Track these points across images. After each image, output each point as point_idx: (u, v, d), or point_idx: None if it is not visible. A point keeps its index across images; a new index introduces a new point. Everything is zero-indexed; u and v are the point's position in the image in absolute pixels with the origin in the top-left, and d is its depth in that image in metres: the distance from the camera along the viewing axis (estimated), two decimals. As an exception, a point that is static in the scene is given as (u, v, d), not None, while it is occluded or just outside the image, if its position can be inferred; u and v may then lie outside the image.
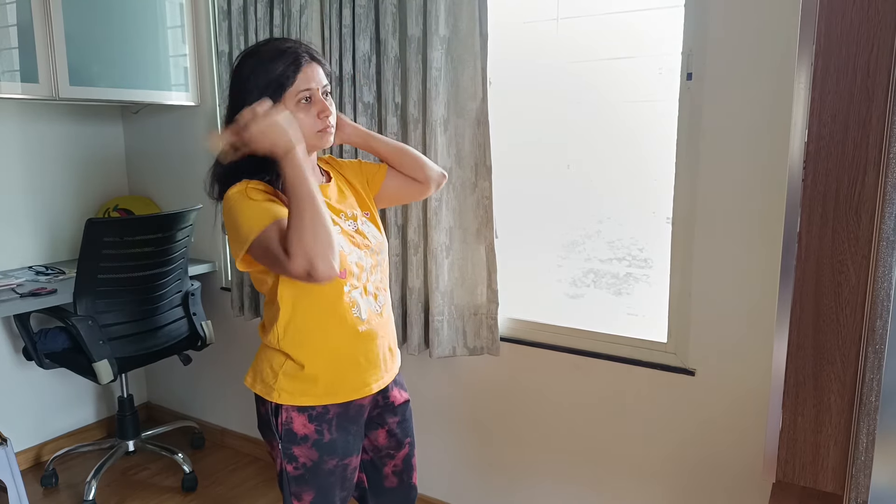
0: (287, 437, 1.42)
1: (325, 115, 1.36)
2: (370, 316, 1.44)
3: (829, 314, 0.90)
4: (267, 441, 1.48)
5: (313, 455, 1.43)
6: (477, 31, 1.96)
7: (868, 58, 0.84)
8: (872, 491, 0.85)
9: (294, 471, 1.44)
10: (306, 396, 1.41)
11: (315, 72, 1.35)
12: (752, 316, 1.75)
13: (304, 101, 1.34)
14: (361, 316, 1.42)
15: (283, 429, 1.42)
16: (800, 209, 0.90)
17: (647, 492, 2.00)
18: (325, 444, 1.43)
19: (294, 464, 1.43)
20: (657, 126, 1.88)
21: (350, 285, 1.40)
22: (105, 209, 2.92)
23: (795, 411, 0.95)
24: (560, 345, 2.07)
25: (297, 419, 1.41)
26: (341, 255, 1.35)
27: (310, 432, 1.42)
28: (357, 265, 1.41)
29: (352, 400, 1.45)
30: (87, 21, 2.38)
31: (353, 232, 1.46)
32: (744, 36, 1.67)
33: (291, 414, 1.41)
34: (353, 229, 1.46)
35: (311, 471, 1.44)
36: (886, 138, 0.82)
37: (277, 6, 2.31)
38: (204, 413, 3.11)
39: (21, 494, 1.93)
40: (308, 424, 1.42)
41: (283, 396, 1.41)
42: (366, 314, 1.43)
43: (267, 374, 1.43)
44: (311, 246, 1.18)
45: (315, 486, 1.45)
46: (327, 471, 1.45)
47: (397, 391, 1.58)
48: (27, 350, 2.45)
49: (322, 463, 1.44)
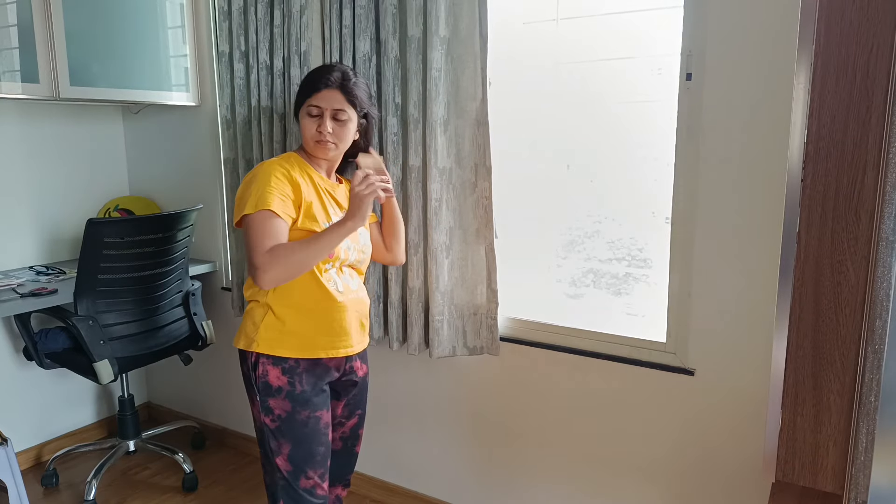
0: (264, 390, 1.66)
1: (321, 131, 1.66)
2: (346, 290, 1.71)
3: (828, 314, 0.91)
4: (249, 399, 1.70)
5: (286, 406, 1.66)
6: (477, 32, 1.96)
7: (867, 58, 0.84)
8: (872, 491, 0.85)
9: (272, 423, 1.66)
10: (282, 347, 1.65)
11: (333, 96, 1.66)
12: (752, 316, 1.75)
13: (313, 113, 1.67)
14: (338, 287, 1.69)
15: (260, 381, 1.66)
16: (799, 209, 0.90)
17: (647, 491, 2.00)
18: (297, 396, 1.66)
19: (271, 416, 1.66)
20: (657, 126, 1.88)
21: (332, 265, 1.68)
22: (105, 209, 2.93)
23: (795, 411, 0.95)
24: (560, 345, 2.07)
25: (271, 372, 1.65)
26: None
27: (283, 384, 1.66)
28: (345, 252, 1.69)
29: (320, 358, 1.69)
30: (88, 21, 2.38)
31: None
32: (743, 36, 1.67)
33: (267, 367, 1.65)
34: None
35: (286, 422, 1.66)
36: (886, 138, 0.82)
37: (278, 6, 2.31)
38: (204, 413, 3.11)
39: (21, 494, 1.93)
40: (281, 377, 1.66)
41: (262, 346, 1.64)
42: (343, 288, 1.70)
43: (250, 328, 1.68)
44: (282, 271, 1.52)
45: (291, 437, 1.67)
46: (300, 421, 1.67)
47: (359, 363, 1.84)
48: (28, 350, 2.45)
49: (295, 413, 1.66)
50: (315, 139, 1.67)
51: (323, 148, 1.67)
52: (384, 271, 2.28)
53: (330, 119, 1.66)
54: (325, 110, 1.66)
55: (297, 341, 1.66)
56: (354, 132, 1.73)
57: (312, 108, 1.66)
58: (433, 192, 2.06)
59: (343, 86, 1.67)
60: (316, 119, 1.66)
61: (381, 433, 2.53)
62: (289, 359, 1.65)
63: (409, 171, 2.12)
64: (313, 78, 1.68)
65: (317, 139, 1.67)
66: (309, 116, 1.67)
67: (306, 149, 1.71)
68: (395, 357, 2.42)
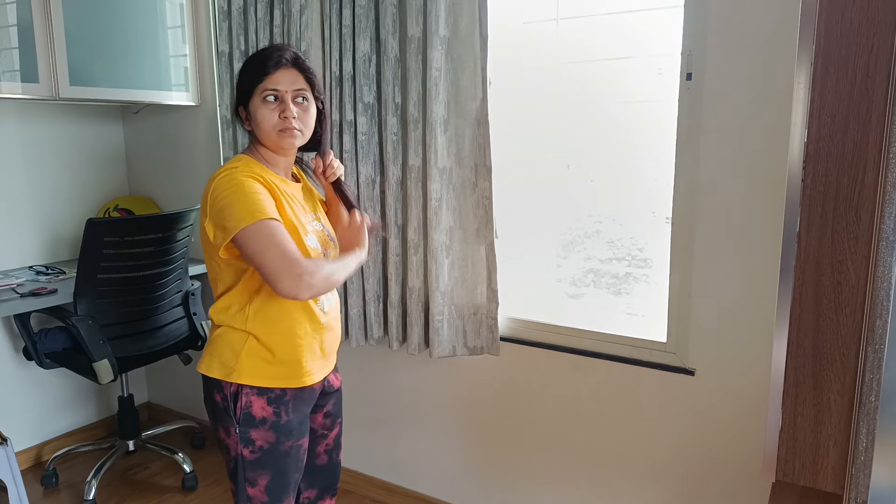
0: (245, 421, 1.47)
1: (285, 117, 1.43)
2: (330, 309, 1.56)
3: (828, 314, 0.91)
4: (220, 428, 1.51)
5: (271, 437, 1.49)
6: (477, 32, 1.96)
7: (867, 58, 0.84)
8: (872, 491, 0.85)
9: (251, 454, 1.48)
10: (268, 378, 1.47)
11: (290, 75, 1.44)
12: (752, 316, 1.75)
13: (271, 98, 1.43)
14: (324, 308, 1.54)
15: (242, 413, 1.46)
16: (799, 209, 0.90)
17: (647, 491, 2.00)
18: (282, 426, 1.49)
19: (251, 447, 1.48)
20: (657, 126, 1.88)
21: None
22: (105, 209, 2.93)
23: (795, 411, 0.95)
24: (560, 344, 2.07)
25: (256, 402, 1.46)
26: (315, 252, 1.48)
27: (268, 415, 1.48)
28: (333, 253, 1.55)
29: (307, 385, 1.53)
30: (88, 21, 2.38)
31: (320, 230, 1.56)
32: (744, 36, 1.67)
33: (251, 398, 1.46)
34: (319, 228, 1.56)
35: (267, 453, 1.49)
36: (886, 138, 0.82)
37: (277, 6, 2.31)
38: (204, 413, 3.10)
39: (21, 494, 1.93)
40: (266, 407, 1.47)
41: (244, 377, 1.45)
42: (328, 307, 1.55)
43: (227, 356, 1.47)
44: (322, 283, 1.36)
45: (272, 468, 1.50)
46: (283, 452, 1.51)
47: (333, 375, 1.69)
48: (27, 350, 2.45)
49: (279, 444, 1.50)
50: (279, 128, 1.42)
51: (289, 136, 1.44)
52: (384, 271, 2.28)
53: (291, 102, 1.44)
54: (284, 93, 1.42)
55: (286, 370, 1.48)
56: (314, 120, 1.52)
57: (269, 93, 1.42)
58: (433, 191, 2.06)
59: (299, 64, 1.46)
60: (276, 105, 1.43)
61: (381, 433, 2.53)
62: (275, 388, 1.48)
63: (409, 170, 2.12)
64: (261, 59, 1.44)
65: (281, 127, 1.42)
66: (265, 103, 1.42)
67: (266, 143, 1.46)
68: (395, 357, 2.41)
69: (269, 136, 1.44)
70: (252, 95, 1.44)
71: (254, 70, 1.44)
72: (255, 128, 1.46)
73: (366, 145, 2.19)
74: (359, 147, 2.19)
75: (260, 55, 1.46)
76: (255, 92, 1.43)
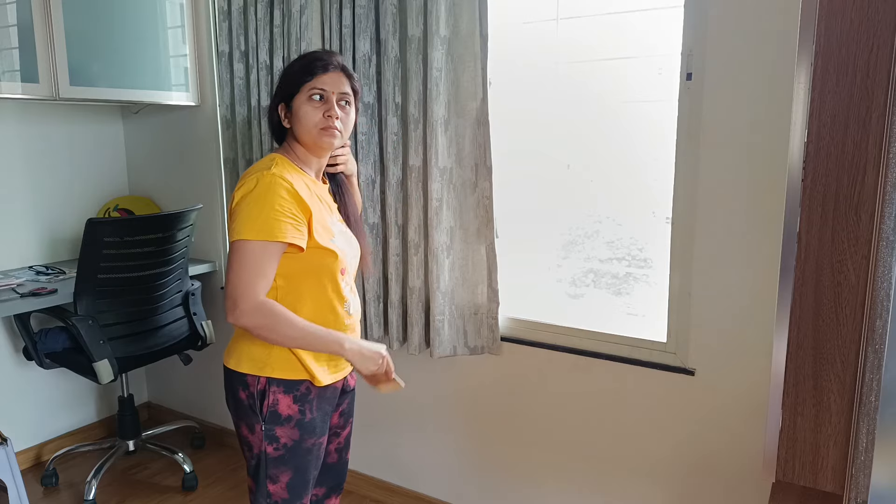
0: (271, 419, 1.49)
1: (329, 116, 1.47)
2: (354, 312, 1.59)
3: (828, 314, 0.91)
4: (244, 425, 1.52)
5: (295, 435, 1.51)
6: (477, 32, 1.96)
7: (868, 58, 0.84)
8: (872, 491, 0.85)
9: (274, 451, 1.51)
10: (298, 371, 1.49)
11: (338, 79, 1.50)
12: (752, 316, 1.75)
13: (317, 97, 1.47)
14: (349, 311, 1.56)
15: (269, 410, 1.49)
16: (799, 209, 0.90)
17: (647, 491, 2.00)
18: (306, 424, 1.52)
19: (275, 444, 1.51)
20: (657, 126, 1.88)
21: (345, 283, 1.54)
22: (105, 209, 2.93)
23: (795, 411, 0.95)
24: (560, 344, 2.07)
25: (283, 400, 1.49)
26: (342, 253, 1.51)
27: (294, 412, 1.50)
28: (350, 264, 1.57)
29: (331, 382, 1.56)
30: (88, 21, 2.38)
31: (344, 230, 1.59)
32: (743, 36, 1.67)
33: (278, 396, 1.49)
34: (343, 229, 1.60)
35: (291, 450, 1.52)
36: (886, 138, 0.82)
37: (277, 6, 2.31)
38: (204, 413, 3.11)
39: (21, 494, 1.93)
40: (293, 405, 1.50)
41: (277, 370, 1.48)
42: (352, 310, 1.57)
43: (257, 351, 1.49)
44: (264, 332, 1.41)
45: (293, 466, 1.53)
46: (305, 449, 1.54)
47: (350, 375, 1.70)
48: (27, 350, 2.45)
49: (302, 442, 1.53)
50: (321, 125, 1.46)
51: (329, 135, 1.47)
52: (384, 271, 2.28)
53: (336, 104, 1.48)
54: (331, 94, 1.48)
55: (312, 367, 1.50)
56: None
57: (316, 92, 1.46)
58: (434, 191, 2.06)
59: (346, 71, 1.52)
60: (320, 104, 1.47)
61: (381, 433, 2.53)
62: (301, 385, 1.50)
63: (409, 170, 2.12)
64: (311, 60, 1.49)
65: (323, 125, 1.46)
66: (310, 101, 1.47)
67: (305, 140, 1.50)
68: (396, 357, 2.41)
69: (309, 132, 1.48)
70: (298, 93, 1.48)
71: (302, 69, 1.48)
72: (295, 124, 1.49)
73: (366, 145, 2.19)
74: (359, 147, 2.19)
75: (311, 56, 1.51)
76: (302, 90, 1.47)
